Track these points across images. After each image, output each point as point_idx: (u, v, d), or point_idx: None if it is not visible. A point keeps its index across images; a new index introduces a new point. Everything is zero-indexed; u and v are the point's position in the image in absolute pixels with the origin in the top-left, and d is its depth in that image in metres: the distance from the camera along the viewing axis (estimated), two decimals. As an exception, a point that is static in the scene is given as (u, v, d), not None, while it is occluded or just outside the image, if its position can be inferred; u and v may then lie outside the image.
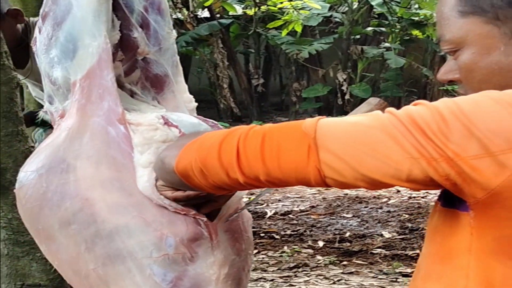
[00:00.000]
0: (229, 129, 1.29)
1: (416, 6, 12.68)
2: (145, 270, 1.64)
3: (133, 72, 1.86)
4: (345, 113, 12.99)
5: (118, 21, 1.79)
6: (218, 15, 13.46)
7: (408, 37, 13.58)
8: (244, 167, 1.22)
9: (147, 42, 1.83)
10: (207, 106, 13.67)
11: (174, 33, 1.92)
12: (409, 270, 4.90)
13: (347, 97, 12.89)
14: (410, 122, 1.11)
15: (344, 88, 13.01)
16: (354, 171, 1.13)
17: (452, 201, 1.18)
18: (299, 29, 11.83)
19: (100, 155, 1.66)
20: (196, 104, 1.99)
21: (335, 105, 13.20)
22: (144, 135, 1.68)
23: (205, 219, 1.65)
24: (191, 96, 1.98)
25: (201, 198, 1.59)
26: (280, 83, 14.71)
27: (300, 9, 11.70)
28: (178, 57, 1.95)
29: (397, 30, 13.34)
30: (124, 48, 1.81)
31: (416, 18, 12.79)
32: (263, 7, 12.35)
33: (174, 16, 13.06)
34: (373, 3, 12.33)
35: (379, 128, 1.12)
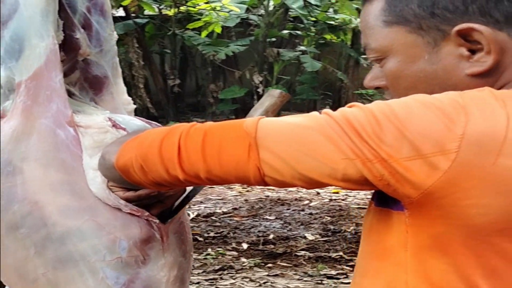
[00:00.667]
0: (171, 126, 1.30)
1: (332, 10, 12.81)
2: (98, 274, 1.62)
3: (73, 73, 1.83)
4: (262, 115, 13.04)
5: (61, 21, 1.76)
6: (133, 15, 13.33)
7: (323, 41, 13.75)
8: (184, 164, 1.23)
9: (88, 43, 1.81)
10: (123, 106, 13.47)
11: (115, 35, 1.90)
12: (333, 272, 4.96)
13: (263, 99, 12.94)
14: (345, 123, 1.13)
15: (260, 90, 13.07)
16: (292, 170, 1.16)
17: (385, 200, 1.21)
18: (218, 30, 11.85)
19: (49, 157, 1.63)
20: (135, 106, 1.96)
21: (251, 106, 13.20)
22: (94, 138, 1.67)
23: (157, 221, 1.65)
24: (130, 98, 1.98)
25: (151, 198, 1.60)
26: (196, 84, 14.68)
27: (218, 10, 11.72)
28: (117, 59, 1.93)
29: (312, 34, 13.48)
30: (66, 48, 1.79)
31: (332, 22, 12.95)
32: (183, 8, 12.31)
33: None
34: (293, 6, 12.42)
35: (317, 129, 1.15)
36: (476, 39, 1.19)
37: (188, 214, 6.29)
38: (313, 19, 12.92)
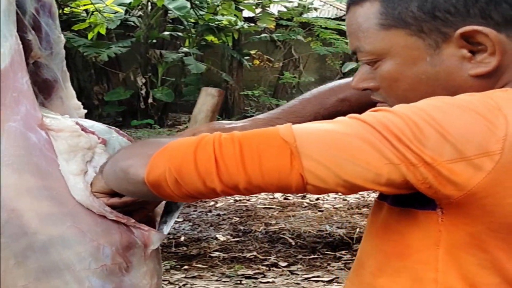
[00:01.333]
0: (196, 137, 1.25)
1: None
2: (84, 283, 1.56)
3: None
4: (150, 116, 12.98)
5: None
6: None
7: (204, 43, 13.77)
8: (223, 176, 1.19)
9: (39, 46, 1.74)
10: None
11: (63, 38, 1.85)
12: (250, 272, 4.99)
13: (150, 100, 12.86)
14: (383, 128, 1.14)
15: (143, 92, 12.97)
16: (336, 177, 1.16)
17: (406, 200, 1.23)
18: (103, 31, 11.67)
19: (22, 162, 1.56)
20: (86, 111, 1.92)
21: (138, 108, 13.13)
22: (69, 142, 1.60)
23: (146, 228, 1.60)
24: (79, 103, 1.90)
25: (136, 205, 1.56)
26: (78, 86, 14.39)
27: (103, 11, 11.57)
28: (65, 62, 1.87)
29: (193, 36, 13.48)
30: None
31: (213, 24, 12.99)
32: (67, 9, 12.07)
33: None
34: (170, 6, 12.38)
35: (356, 136, 1.15)
36: (479, 41, 1.21)
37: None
38: (193, 20, 12.92)
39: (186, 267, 5.11)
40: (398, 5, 1.24)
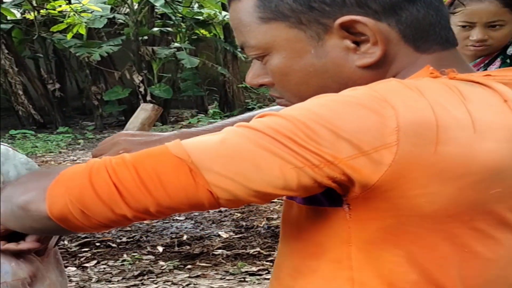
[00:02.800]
0: (85, 164, 1.19)
1: (197, 5, 12.81)
2: None
3: None
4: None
5: None
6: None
7: (196, 37, 13.74)
8: (129, 201, 1.14)
9: None
10: (6, 114, 13.04)
11: None
12: (254, 269, 4.98)
13: (148, 98, 12.84)
14: (275, 133, 1.09)
15: (142, 89, 12.96)
16: (245, 188, 1.10)
17: (314, 198, 1.18)
18: (83, 31, 11.64)
19: None
20: None
21: (138, 106, 13.07)
22: None
23: (38, 257, 1.60)
24: None
25: (32, 251, 1.52)
26: (77, 87, 14.38)
27: (81, 12, 11.51)
28: None
29: (183, 30, 13.45)
30: None
31: (201, 17, 12.95)
32: (43, 11, 12.02)
33: None
34: (156, 4, 12.35)
35: (250, 143, 1.10)
36: (360, 31, 1.17)
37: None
38: (180, 15, 12.89)
39: (189, 266, 5.10)
40: None
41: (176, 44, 13.24)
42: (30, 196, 1.22)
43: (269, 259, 5.13)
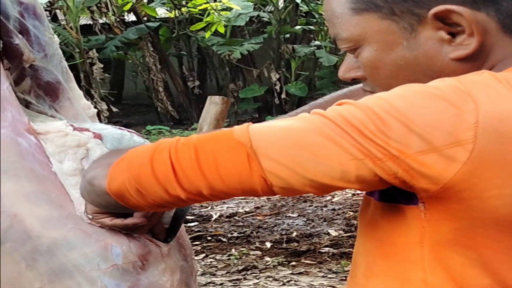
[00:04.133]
0: (154, 143, 1.21)
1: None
2: (96, 283, 1.55)
3: (23, 81, 1.75)
4: (284, 112, 13.08)
5: None
6: (145, 18, 13.35)
7: (338, 35, 13.67)
8: (183, 182, 1.15)
9: (30, 49, 1.73)
10: (147, 110, 13.53)
11: (57, 38, 1.83)
12: (358, 268, 4.90)
13: (283, 96, 12.94)
14: (344, 123, 1.06)
15: (278, 87, 13.06)
16: (300, 176, 1.09)
17: (391, 195, 1.15)
18: (222, 30, 11.80)
19: (16, 168, 1.55)
20: (96, 110, 1.91)
21: (273, 104, 13.26)
22: (56, 142, 1.60)
23: (155, 241, 1.60)
24: (89, 103, 1.90)
25: (139, 227, 1.52)
26: (217, 85, 14.69)
27: (221, 10, 11.68)
28: (66, 63, 1.85)
29: (325, 28, 13.42)
30: (8, 56, 1.70)
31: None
32: (184, 9, 12.31)
33: (101, 21, 12.94)
34: (298, 1, 12.40)
35: (315, 131, 1.08)
36: (455, 21, 1.12)
37: (211, 215, 6.32)
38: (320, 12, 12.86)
39: (293, 263, 5.08)
40: None
41: (317, 42, 13.24)
42: (96, 172, 1.30)
43: (375, 259, 5.05)
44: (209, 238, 5.74)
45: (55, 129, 1.63)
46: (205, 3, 11.64)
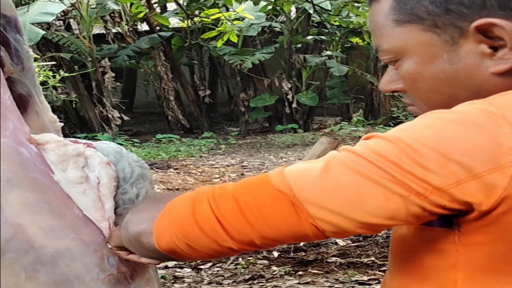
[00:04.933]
0: (189, 194, 1.22)
1: (350, 14, 12.74)
2: None
3: None
4: (295, 121, 13.12)
5: None
6: (157, 28, 13.41)
7: (349, 45, 13.71)
8: (232, 234, 1.14)
9: (10, 61, 1.73)
10: (158, 119, 13.57)
11: (32, 53, 1.84)
12: (365, 278, 4.89)
13: (294, 105, 12.96)
14: (378, 158, 1.05)
15: (289, 97, 13.08)
16: (350, 220, 1.07)
17: None
18: (234, 39, 11.83)
19: (19, 177, 1.55)
20: (62, 124, 1.90)
21: (284, 113, 13.28)
22: (57, 151, 1.60)
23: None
24: (55, 116, 1.88)
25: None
26: (228, 94, 14.73)
27: (233, 19, 11.71)
28: (36, 76, 1.86)
29: (337, 38, 13.45)
30: None
31: (349, 26, 12.91)
32: (197, 19, 12.36)
33: (113, 30, 13.01)
34: (310, 11, 12.44)
35: (352, 172, 1.06)
36: (498, 35, 1.10)
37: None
38: (337, 23, 12.87)
39: (300, 272, 5.07)
40: None
41: (328, 52, 13.26)
42: (141, 228, 1.30)
43: (382, 269, 5.03)
44: (216, 247, 5.74)
45: (54, 139, 1.64)
46: (218, 13, 11.68)
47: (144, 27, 13.94)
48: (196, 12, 12.71)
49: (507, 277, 1.09)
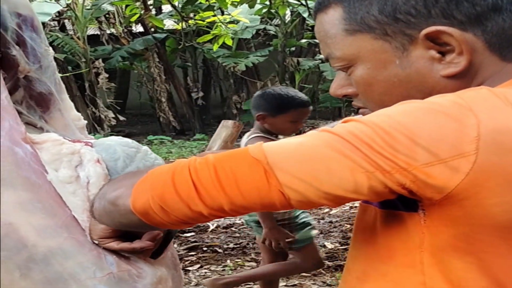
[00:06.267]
0: (172, 164, 1.27)
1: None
2: None
3: (16, 91, 1.79)
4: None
5: None
6: (152, 30, 13.42)
7: (343, 49, 13.71)
8: (205, 199, 1.20)
9: (26, 60, 1.77)
10: (150, 120, 13.56)
11: (52, 51, 1.87)
12: (352, 281, 4.90)
13: (286, 108, 12.96)
14: (353, 138, 1.11)
15: (282, 100, 13.07)
16: (316, 190, 1.13)
17: (391, 203, 1.19)
18: (229, 42, 11.83)
19: (13, 177, 1.58)
20: (85, 122, 1.95)
21: (276, 117, 13.27)
22: (51, 151, 1.64)
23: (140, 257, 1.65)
24: (79, 114, 1.93)
25: (147, 250, 1.59)
26: (221, 96, 14.74)
27: (228, 23, 11.72)
28: (59, 75, 1.89)
29: (331, 42, 13.44)
30: (4, 66, 1.74)
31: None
32: (191, 21, 12.37)
33: (108, 32, 13.01)
34: (305, 15, 12.47)
35: (328, 147, 1.12)
36: (445, 41, 1.19)
37: (208, 226, 6.34)
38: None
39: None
40: (360, 9, 1.23)
41: (321, 56, 13.25)
42: (119, 192, 1.34)
43: (369, 272, 5.05)
44: (204, 248, 5.76)
45: (52, 138, 1.66)
46: (213, 16, 11.68)
47: (139, 28, 13.96)
48: (191, 15, 12.71)
49: (468, 255, 1.15)
